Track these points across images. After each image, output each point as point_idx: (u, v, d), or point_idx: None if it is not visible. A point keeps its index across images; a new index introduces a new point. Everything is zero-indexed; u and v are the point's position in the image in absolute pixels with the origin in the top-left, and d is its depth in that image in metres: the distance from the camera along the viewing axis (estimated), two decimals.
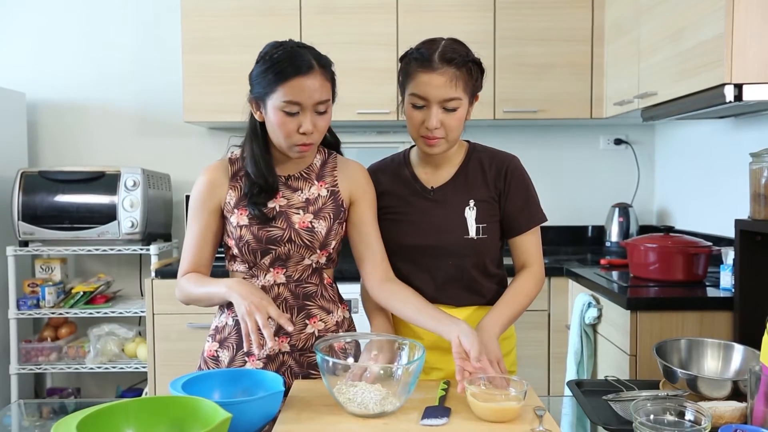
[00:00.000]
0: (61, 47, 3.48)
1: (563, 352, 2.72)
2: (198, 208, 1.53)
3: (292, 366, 1.54)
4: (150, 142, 3.51)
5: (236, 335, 1.55)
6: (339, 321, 1.59)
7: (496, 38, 3.08)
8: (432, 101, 1.47)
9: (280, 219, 1.49)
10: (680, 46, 2.27)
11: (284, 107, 1.40)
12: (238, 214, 1.50)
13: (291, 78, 1.39)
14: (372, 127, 3.45)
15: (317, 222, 1.51)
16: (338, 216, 1.54)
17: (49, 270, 3.20)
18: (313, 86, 1.41)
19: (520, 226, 1.58)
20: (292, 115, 1.41)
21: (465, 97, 1.49)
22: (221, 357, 1.56)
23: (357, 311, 2.81)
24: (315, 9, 3.06)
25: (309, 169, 1.56)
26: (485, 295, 1.59)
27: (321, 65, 1.44)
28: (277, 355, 1.53)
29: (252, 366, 1.52)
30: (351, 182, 1.57)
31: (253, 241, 1.48)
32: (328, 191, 1.54)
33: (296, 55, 1.42)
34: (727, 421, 1.22)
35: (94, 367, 3.06)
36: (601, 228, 3.45)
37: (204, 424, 1.05)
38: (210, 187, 1.53)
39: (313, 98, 1.41)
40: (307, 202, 1.52)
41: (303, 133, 1.42)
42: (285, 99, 1.40)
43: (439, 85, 1.45)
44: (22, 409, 1.68)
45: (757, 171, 1.95)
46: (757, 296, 1.92)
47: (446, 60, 1.45)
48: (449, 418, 1.23)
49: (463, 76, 1.47)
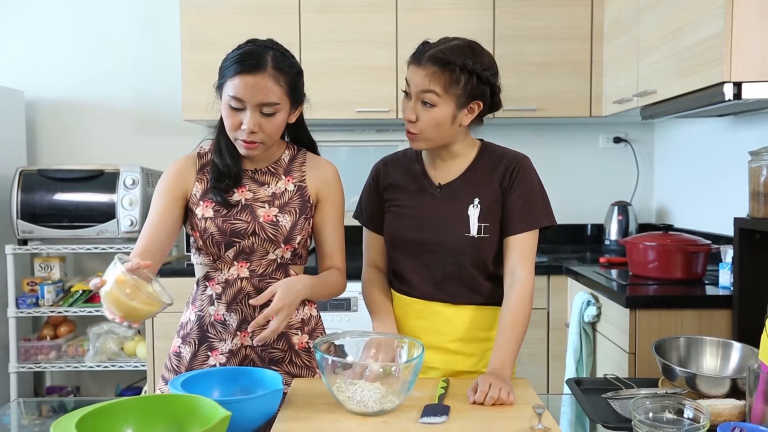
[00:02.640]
0: (59, 45, 3.48)
1: (562, 351, 2.72)
2: (161, 193, 1.52)
3: (255, 360, 1.54)
4: (149, 141, 3.51)
5: (198, 331, 1.55)
6: (305, 318, 1.59)
7: (496, 36, 3.07)
8: (412, 92, 1.50)
9: (245, 212, 1.50)
10: (679, 44, 2.27)
11: (229, 101, 1.44)
12: (204, 206, 1.51)
13: (236, 74, 1.42)
14: (371, 126, 3.44)
15: (282, 216, 1.52)
16: (304, 211, 1.55)
17: (48, 268, 3.20)
18: (256, 86, 1.41)
19: (515, 225, 1.54)
20: (236, 110, 1.44)
21: (445, 97, 1.48)
22: (183, 353, 1.56)
23: (357, 310, 2.81)
24: (314, 7, 3.06)
25: (276, 164, 1.57)
26: (483, 294, 1.59)
27: (276, 68, 1.43)
28: (240, 348, 1.54)
29: (215, 361, 1.53)
30: (320, 180, 1.58)
31: (217, 233, 1.49)
32: (295, 186, 1.55)
33: (251, 53, 1.44)
34: (726, 418, 1.23)
35: (94, 365, 3.06)
36: (601, 226, 3.45)
37: (203, 422, 1.05)
38: (176, 176, 1.54)
39: (256, 98, 1.42)
40: (273, 197, 1.53)
41: (244, 129, 1.43)
42: (229, 93, 1.43)
43: (418, 77, 1.49)
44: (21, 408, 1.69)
45: (756, 169, 1.95)
46: (756, 294, 1.92)
47: (431, 57, 1.47)
48: (448, 417, 1.23)
49: (444, 76, 1.47)
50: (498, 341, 1.47)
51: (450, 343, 1.57)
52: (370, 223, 1.67)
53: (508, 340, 1.46)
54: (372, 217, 1.66)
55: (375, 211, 1.66)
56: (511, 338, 1.46)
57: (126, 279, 1.18)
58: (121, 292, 1.18)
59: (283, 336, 1.55)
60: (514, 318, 1.48)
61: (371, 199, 1.66)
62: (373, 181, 1.67)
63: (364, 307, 1.67)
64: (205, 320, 1.55)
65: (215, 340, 1.54)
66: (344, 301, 2.81)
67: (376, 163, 1.71)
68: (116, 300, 1.18)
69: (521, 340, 1.49)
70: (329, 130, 3.43)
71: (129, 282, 1.18)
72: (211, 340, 1.54)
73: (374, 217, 1.66)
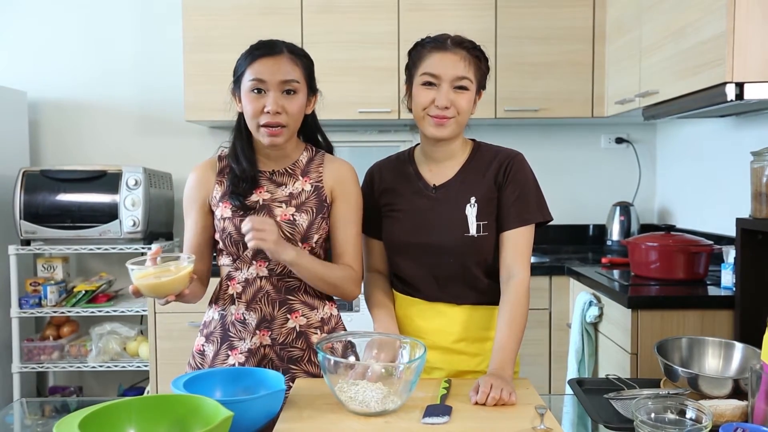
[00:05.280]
0: (62, 46, 3.49)
1: (564, 351, 2.72)
2: (189, 205, 1.60)
3: (273, 359, 1.55)
4: (151, 141, 3.51)
5: (221, 329, 1.57)
6: (325, 318, 1.59)
7: (498, 37, 3.08)
8: (444, 79, 1.50)
9: (263, 212, 1.52)
10: (681, 44, 2.27)
11: (251, 86, 1.47)
12: (222, 207, 1.54)
13: (257, 59, 1.47)
14: (373, 126, 3.44)
15: (299, 215, 1.53)
16: (321, 211, 1.55)
17: (51, 269, 3.21)
18: (276, 65, 1.47)
19: (509, 221, 1.54)
20: (258, 93, 1.47)
21: (474, 82, 1.53)
22: (207, 352, 1.58)
23: (359, 310, 2.81)
24: (316, 8, 3.07)
25: (294, 165, 1.58)
26: (487, 292, 1.59)
27: (291, 52, 1.51)
28: (259, 348, 1.54)
29: (234, 360, 1.54)
30: (336, 179, 1.58)
31: (236, 233, 1.51)
32: (312, 186, 1.57)
33: (266, 42, 1.52)
34: (728, 419, 1.23)
35: (96, 365, 3.06)
36: (602, 227, 3.45)
37: (206, 422, 1.05)
38: (197, 184, 1.59)
39: (276, 76, 1.46)
40: (291, 196, 1.55)
41: (268, 111, 1.46)
42: (251, 78, 1.47)
43: (452, 62, 1.50)
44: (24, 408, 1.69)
45: (758, 170, 1.95)
46: (758, 295, 1.92)
47: (458, 43, 1.52)
48: (450, 417, 1.23)
49: (474, 61, 1.52)
50: (497, 341, 1.47)
51: (454, 343, 1.58)
52: (368, 228, 1.65)
53: (507, 339, 1.46)
54: (369, 223, 1.64)
55: (372, 217, 1.64)
56: (510, 337, 1.46)
57: (143, 272, 1.33)
58: (146, 281, 1.32)
59: (302, 335, 1.55)
60: (512, 316, 1.48)
61: (367, 205, 1.64)
62: (368, 187, 1.67)
63: (366, 308, 1.68)
64: (227, 319, 1.56)
65: (235, 339, 1.55)
66: (346, 302, 2.82)
67: (370, 167, 1.71)
68: (149, 288, 1.33)
69: (521, 338, 1.49)
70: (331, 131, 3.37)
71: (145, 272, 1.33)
72: (231, 339, 1.55)
73: (371, 222, 1.65)
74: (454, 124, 1.52)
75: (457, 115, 1.51)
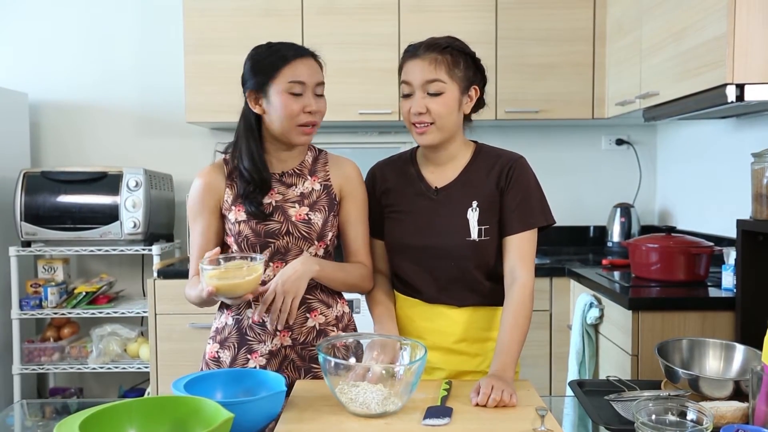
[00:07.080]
0: (63, 48, 3.49)
1: (565, 352, 2.72)
2: (197, 210, 1.57)
3: (295, 360, 1.55)
4: (152, 143, 3.52)
5: (237, 334, 1.56)
6: (339, 315, 1.60)
7: (498, 38, 3.08)
8: (415, 86, 1.50)
9: (277, 213, 1.53)
10: (682, 46, 2.27)
11: (289, 88, 1.48)
12: (236, 211, 1.53)
13: (293, 59, 1.49)
14: (373, 128, 3.45)
15: (313, 214, 1.54)
16: (332, 208, 1.57)
17: (52, 270, 3.21)
18: (312, 67, 1.52)
19: (512, 225, 1.54)
20: (296, 95, 1.48)
21: (450, 82, 1.50)
22: (222, 358, 1.57)
23: (359, 312, 2.81)
24: (316, 9, 3.07)
25: (302, 165, 1.59)
26: (487, 294, 1.59)
27: (311, 53, 1.55)
28: (280, 349, 1.54)
29: (255, 363, 1.53)
30: (342, 178, 1.60)
31: (252, 236, 1.51)
32: (321, 185, 1.58)
33: (290, 44, 1.53)
34: (729, 421, 1.22)
35: (97, 367, 3.06)
36: (603, 228, 3.45)
37: (206, 424, 1.05)
38: (207, 188, 1.56)
39: (314, 78, 1.50)
40: (302, 196, 1.55)
41: (309, 112, 1.49)
42: (290, 80, 1.47)
43: (419, 68, 1.50)
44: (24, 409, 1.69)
45: (759, 171, 1.95)
46: (759, 296, 1.92)
47: (430, 46, 1.51)
48: (451, 418, 1.23)
49: (445, 60, 1.50)
50: (499, 343, 1.47)
51: (455, 344, 1.58)
52: (370, 228, 1.65)
53: (510, 342, 1.46)
54: (371, 222, 1.65)
55: (374, 217, 1.65)
56: (512, 339, 1.46)
57: (215, 272, 1.34)
58: (219, 281, 1.33)
59: (321, 333, 1.56)
60: (515, 319, 1.48)
61: (369, 204, 1.64)
62: (369, 186, 1.66)
63: (367, 309, 1.68)
64: (243, 323, 1.56)
65: (254, 342, 1.55)
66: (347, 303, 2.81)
67: (372, 167, 1.70)
68: (223, 290, 1.34)
69: (523, 341, 1.49)
70: (332, 132, 3.44)
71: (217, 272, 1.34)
72: (250, 342, 1.55)
73: (373, 222, 1.65)
74: (435, 131, 1.52)
75: (435, 120, 1.50)
